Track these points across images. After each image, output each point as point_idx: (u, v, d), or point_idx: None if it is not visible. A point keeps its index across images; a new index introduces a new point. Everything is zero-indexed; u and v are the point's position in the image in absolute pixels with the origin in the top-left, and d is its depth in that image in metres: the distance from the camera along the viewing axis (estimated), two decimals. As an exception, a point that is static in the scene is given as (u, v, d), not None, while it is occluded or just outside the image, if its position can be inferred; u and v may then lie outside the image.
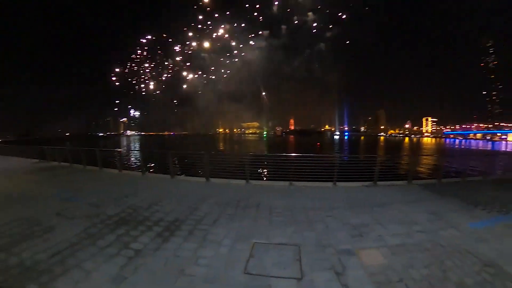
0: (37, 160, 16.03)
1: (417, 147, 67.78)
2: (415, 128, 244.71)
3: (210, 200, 6.10)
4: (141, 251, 3.68)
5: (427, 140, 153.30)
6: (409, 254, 3.64)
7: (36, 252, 3.71)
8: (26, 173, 11.31)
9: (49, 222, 4.87)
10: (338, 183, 7.80)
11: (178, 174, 9.01)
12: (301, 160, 8.32)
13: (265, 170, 7.91)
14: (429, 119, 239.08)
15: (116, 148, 30.44)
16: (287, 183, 7.77)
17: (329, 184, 7.78)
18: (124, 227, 4.56)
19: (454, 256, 3.61)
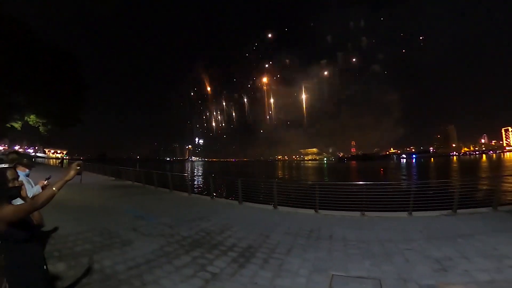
0: (113, 178, 18.35)
1: (498, 166, 58.06)
2: (492, 142, 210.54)
3: (280, 229, 6.15)
4: (218, 275, 3.75)
5: (510, 156, 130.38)
6: (501, 291, 3.22)
7: (116, 262, 4.11)
8: (105, 189, 13.01)
9: (127, 236, 5.43)
10: (414, 213, 7.20)
11: (245, 200, 9.27)
12: (371, 188, 7.95)
13: (334, 199, 7.68)
14: (510, 129, 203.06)
15: (183, 173, 33.10)
16: (358, 213, 7.41)
17: (404, 214, 7.22)
18: (199, 249, 4.76)
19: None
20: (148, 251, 4.63)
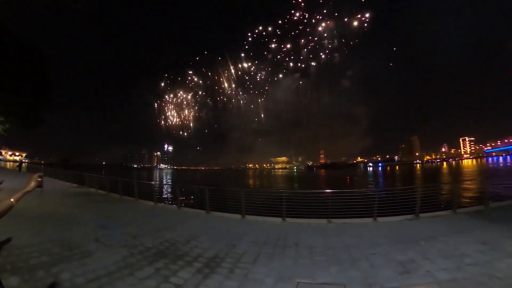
0: (76, 185, 17.08)
1: (457, 172, 62.76)
2: (452, 151, 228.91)
3: (247, 238, 6.05)
4: (182, 287, 3.61)
5: (467, 163, 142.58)
6: (462, 289, 3.35)
7: (75, 274, 3.80)
8: (66, 196, 12.01)
9: (88, 247, 5.05)
10: (379, 218, 7.43)
11: (212, 210, 9.02)
12: (338, 196, 8.12)
13: (301, 207, 7.72)
14: (466, 139, 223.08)
15: (150, 181, 31.78)
16: (325, 220, 7.48)
17: (369, 220, 7.43)
18: (163, 260, 4.55)
19: (514, 288, 3.25)
20: (110, 262, 4.35)
